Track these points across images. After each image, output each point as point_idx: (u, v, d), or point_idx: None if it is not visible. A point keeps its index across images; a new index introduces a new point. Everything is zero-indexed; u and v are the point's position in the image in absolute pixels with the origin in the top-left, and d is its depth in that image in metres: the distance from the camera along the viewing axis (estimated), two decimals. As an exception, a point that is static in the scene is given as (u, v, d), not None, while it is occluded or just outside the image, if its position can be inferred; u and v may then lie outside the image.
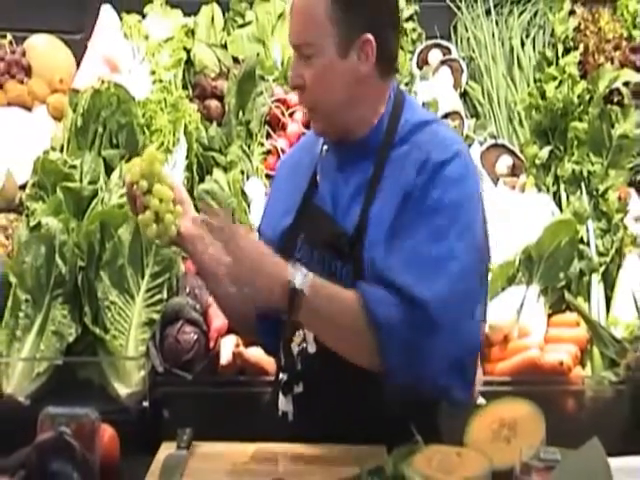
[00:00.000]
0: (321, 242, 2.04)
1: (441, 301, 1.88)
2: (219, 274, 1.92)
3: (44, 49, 3.76)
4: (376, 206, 1.97)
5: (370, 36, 1.98)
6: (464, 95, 3.76)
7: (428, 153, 1.98)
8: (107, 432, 1.93)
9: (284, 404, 2.09)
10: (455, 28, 3.98)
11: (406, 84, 3.66)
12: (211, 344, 2.79)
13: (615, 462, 1.67)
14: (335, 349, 1.93)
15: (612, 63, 3.68)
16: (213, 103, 3.57)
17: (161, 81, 3.60)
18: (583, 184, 3.30)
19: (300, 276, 1.85)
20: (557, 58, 3.74)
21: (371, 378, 1.95)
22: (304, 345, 2.04)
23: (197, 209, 3.12)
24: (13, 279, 2.83)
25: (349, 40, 1.99)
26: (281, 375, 2.11)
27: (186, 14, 3.84)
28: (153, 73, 3.64)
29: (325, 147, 2.15)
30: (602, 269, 3.08)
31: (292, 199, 2.14)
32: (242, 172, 3.29)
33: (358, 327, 1.89)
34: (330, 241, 2.02)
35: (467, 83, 3.79)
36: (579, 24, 3.85)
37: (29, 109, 3.53)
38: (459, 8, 3.97)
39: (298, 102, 2.15)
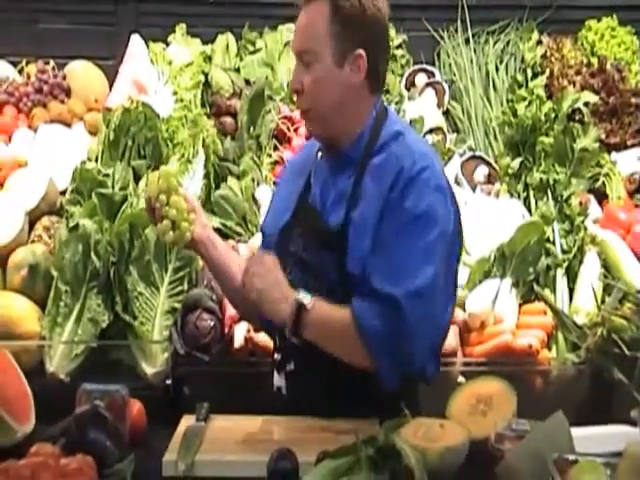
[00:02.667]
0: (311, 235, 2.07)
1: (416, 298, 1.90)
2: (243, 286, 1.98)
3: (81, 73, 3.76)
4: (358, 210, 2.00)
5: (362, 52, 2.00)
6: (446, 113, 3.76)
7: (403, 163, 1.99)
8: (135, 406, 1.95)
9: (278, 380, 2.10)
10: (438, 55, 3.98)
11: (396, 103, 3.66)
12: (226, 330, 2.79)
13: (576, 431, 1.68)
14: (332, 354, 1.97)
15: (574, 86, 3.68)
16: (228, 120, 3.57)
17: (182, 100, 3.60)
18: (549, 191, 3.30)
19: (306, 297, 1.92)
20: (527, 81, 3.74)
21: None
22: None
23: (214, 212, 3.17)
24: (55, 273, 2.84)
25: (344, 52, 2.02)
26: (276, 355, 2.13)
27: (204, 42, 3.84)
28: (175, 93, 3.64)
29: (320, 153, 2.16)
30: (565, 264, 3.07)
31: (291, 198, 2.17)
32: (253, 180, 3.29)
33: (350, 337, 1.93)
34: (318, 235, 2.06)
35: (449, 103, 3.78)
36: (545, 52, 3.84)
37: (69, 125, 3.53)
38: (442, 37, 3.96)
39: (296, 106, 2.13)
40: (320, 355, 1.98)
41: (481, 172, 3.44)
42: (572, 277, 3.06)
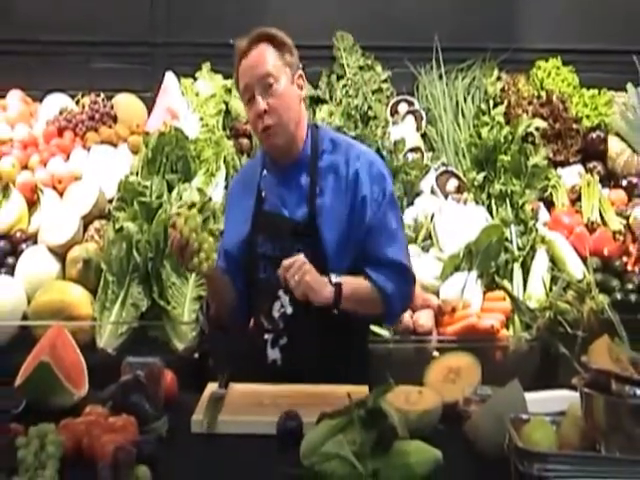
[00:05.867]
0: (280, 235, 2.05)
1: (404, 256, 2.09)
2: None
3: (125, 103, 3.76)
4: (323, 201, 2.03)
5: (302, 72, 2.08)
6: (424, 135, 3.75)
7: (357, 163, 2.05)
8: (169, 375, 1.94)
9: (272, 354, 2.08)
10: (417, 87, 3.96)
11: (382, 127, 3.64)
12: (243, 313, 2.79)
13: (529, 395, 1.68)
14: (359, 312, 2.02)
15: (527, 114, 3.68)
16: (244, 141, 3.57)
17: (207, 125, 3.60)
18: (507, 199, 3.30)
19: (336, 277, 1.95)
20: (489, 110, 3.73)
21: (336, 329, 2.01)
22: (283, 309, 2.05)
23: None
24: (104, 266, 2.85)
25: (293, 74, 2.06)
26: (266, 335, 2.09)
27: (225, 77, 3.83)
28: (201, 119, 3.63)
29: (265, 172, 2.14)
30: (521, 260, 3.07)
31: (245, 213, 2.13)
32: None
33: (374, 300, 2.04)
34: (287, 231, 2.04)
35: (426, 127, 3.77)
36: (504, 86, 3.84)
37: (115, 146, 3.54)
38: (420, 73, 3.95)
39: (262, 127, 2.02)
40: (308, 326, 2.00)
41: (452, 184, 3.44)
42: (526, 270, 3.06)
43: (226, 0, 4.02)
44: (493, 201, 3.32)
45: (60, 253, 2.99)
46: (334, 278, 1.95)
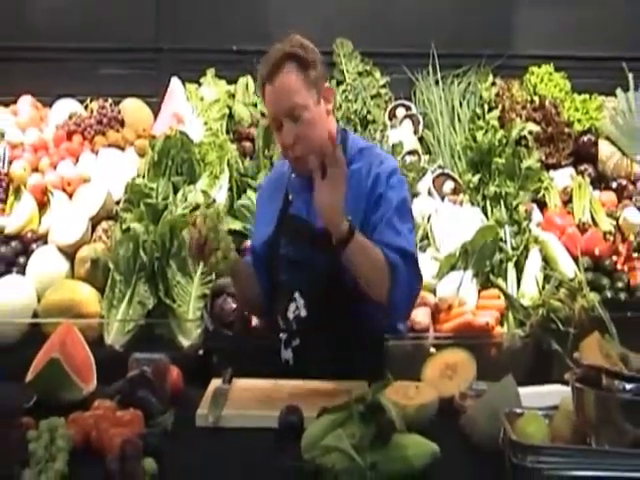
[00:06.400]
0: (301, 240, 2.02)
1: (414, 254, 1.98)
2: None
3: (132, 108, 3.76)
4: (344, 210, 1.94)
5: (328, 84, 2.00)
6: (421, 139, 3.75)
7: (377, 169, 2.00)
8: (175, 371, 1.94)
9: (285, 354, 2.08)
10: (414, 93, 3.96)
11: (381, 131, 3.64)
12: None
13: (523, 390, 1.68)
14: (363, 278, 1.89)
15: (520, 118, 3.68)
16: (247, 144, 3.57)
17: (211, 129, 3.59)
18: (502, 201, 3.30)
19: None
20: (484, 114, 3.73)
21: (346, 330, 1.97)
22: (298, 312, 2.04)
23: (236, 217, 3.16)
24: (111, 265, 2.85)
25: (319, 91, 1.98)
26: (281, 335, 2.09)
27: (229, 83, 3.83)
28: (206, 124, 3.63)
29: (293, 175, 2.11)
30: (514, 259, 3.07)
31: (271, 214, 2.11)
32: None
33: (381, 269, 1.88)
34: (307, 237, 2.00)
35: (423, 131, 3.77)
36: (498, 92, 3.84)
37: (122, 149, 3.54)
38: (417, 79, 3.95)
39: (292, 157, 1.96)
40: (321, 329, 1.98)
41: (448, 186, 3.44)
42: (520, 269, 3.06)
43: (229, 8, 4.03)
44: (488, 202, 3.33)
45: (69, 253, 2.99)
46: (351, 222, 1.83)
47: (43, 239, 3.08)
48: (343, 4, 4.02)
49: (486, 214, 3.28)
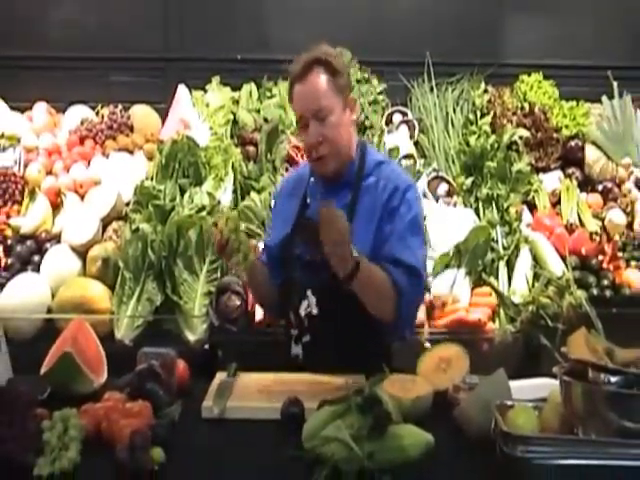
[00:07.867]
0: (314, 242, 1.98)
1: (420, 270, 1.95)
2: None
3: (141, 114, 3.76)
4: (355, 221, 1.94)
5: (353, 95, 1.99)
6: (416, 143, 3.75)
7: (395, 183, 1.99)
8: (181, 365, 1.94)
9: (295, 349, 2.08)
10: (410, 99, 3.97)
11: (378, 136, 3.64)
12: (249, 308, 2.79)
13: (513, 383, 1.68)
14: (369, 305, 1.89)
15: (511, 124, 3.68)
16: (251, 148, 3.56)
17: (216, 134, 3.59)
18: (493, 202, 3.30)
19: (359, 256, 1.82)
20: (476, 120, 3.73)
21: (355, 329, 1.96)
22: (309, 309, 2.03)
23: (240, 218, 3.16)
24: (121, 264, 2.84)
25: (345, 100, 1.99)
26: (292, 331, 2.09)
27: (233, 90, 3.83)
28: (211, 129, 3.63)
29: (312, 179, 2.11)
30: (506, 258, 3.07)
31: (289, 216, 2.10)
32: (270, 194, 3.28)
33: (388, 289, 1.88)
34: (321, 243, 1.95)
35: (418, 135, 3.77)
36: (490, 98, 3.84)
37: (132, 153, 3.54)
38: (413, 86, 3.96)
39: (316, 157, 1.97)
40: (331, 327, 1.97)
41: (442, 188, 3.44)
42: (510, 267, 3.06)
43: (233, 20, 4.03)
44: (480, 204, 3.32)
45: (81, 252, 2.99)
46: (356, 254, 1.81)
47: (56, 239, 3.08)
48: (343, 16, 4.03)
49: (478, 215, 3.27)
